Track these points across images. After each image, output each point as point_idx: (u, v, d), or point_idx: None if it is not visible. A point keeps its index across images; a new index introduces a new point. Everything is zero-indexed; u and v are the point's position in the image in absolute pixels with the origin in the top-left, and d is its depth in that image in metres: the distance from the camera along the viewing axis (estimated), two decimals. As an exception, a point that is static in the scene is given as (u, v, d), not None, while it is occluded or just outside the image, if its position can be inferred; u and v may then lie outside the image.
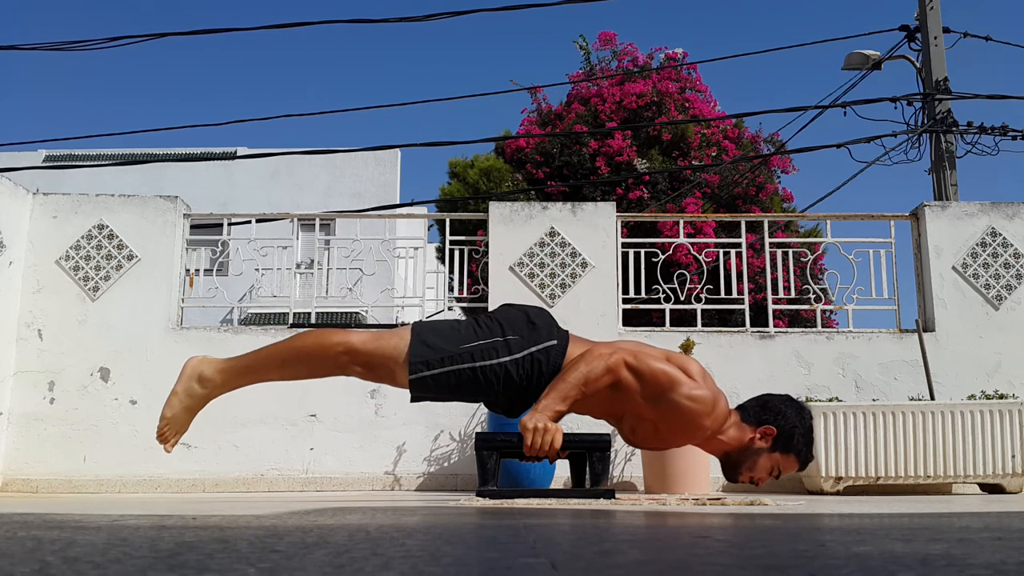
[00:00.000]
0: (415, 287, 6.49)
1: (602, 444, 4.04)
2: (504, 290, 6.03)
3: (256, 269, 6.64)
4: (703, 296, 6.27)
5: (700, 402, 2.56)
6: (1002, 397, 5.32)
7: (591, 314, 5.99)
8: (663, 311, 6.34)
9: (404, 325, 2.61)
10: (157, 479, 5.82)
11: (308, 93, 48.08)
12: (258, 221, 6.71)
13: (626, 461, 5.90)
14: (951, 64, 11.08)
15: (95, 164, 14.72)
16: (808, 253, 6.47)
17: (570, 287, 6.12)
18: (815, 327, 6.46)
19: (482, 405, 5.86)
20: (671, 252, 7.09)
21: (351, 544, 1.40)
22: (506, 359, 2.53)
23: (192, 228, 6.50)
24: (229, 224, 6.66)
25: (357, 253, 6.45)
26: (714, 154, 13.10)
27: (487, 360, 2.52)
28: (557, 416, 2.54)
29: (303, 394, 5.96)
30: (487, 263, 6.25)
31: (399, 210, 12.94)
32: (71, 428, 5.88)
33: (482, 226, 7.74)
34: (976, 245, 6.20)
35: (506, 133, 14.04)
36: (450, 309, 7.79)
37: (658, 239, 7.80)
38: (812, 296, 6.30)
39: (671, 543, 1.57)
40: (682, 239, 6.73)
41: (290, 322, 6.31)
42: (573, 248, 6.20)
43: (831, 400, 5.42)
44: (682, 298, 6.35)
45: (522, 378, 2.55)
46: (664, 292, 6.27)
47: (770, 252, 6.39)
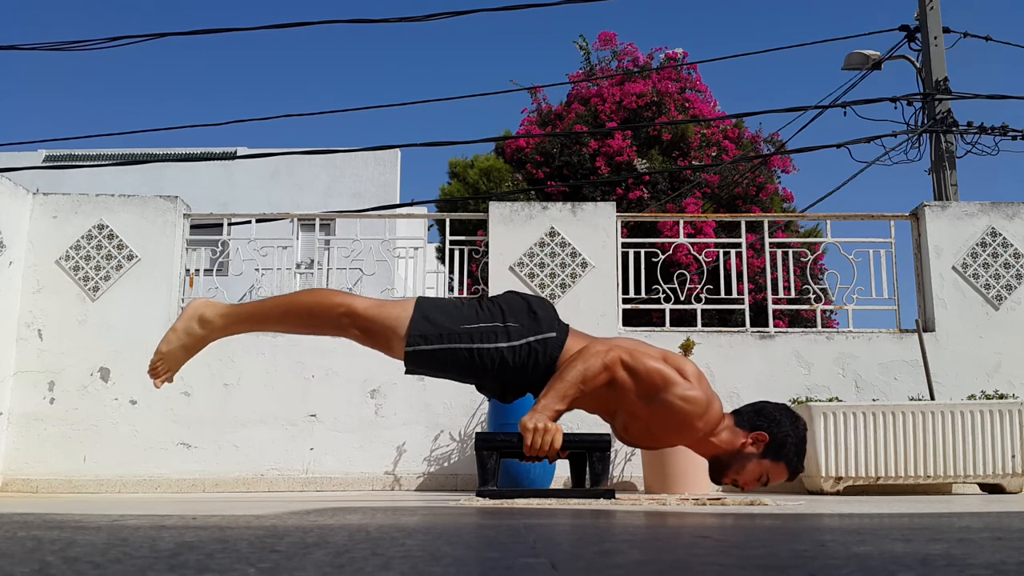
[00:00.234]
0: (415, 287, 6.49)
1: (602, 444, 4.04)
2: (504, 290, 6.02)
3: (256, 269, 6.64)
4: (703, 296, 6.27)
5: (693, 403, 2.56)
6: (1002, 397, 5.32)
7: (591, 314, 5.99)
8: (663, 311, 6.34)
9: (408, 298, 2.63)
10: (157, 479, 5.82)
11: (310, 91, 48.09)
12: (258, 221, 6.71)
13: (626, 461, 5.90)
14: (951, 64, 11.09)
15: (95, 164, 14.72)
16: (808, 253, 6.47)
17: (570, 287, 6.12)
18: (815, 327, 6.46)
19: (482, 405, 5.88)
20: (671, 252, 7.09)
21: (351, 544, 1.40)
22: (503, 345, 2.55)
23: (192, 228, 6.50)
24: (229, 224, 6.66)
25: (357, 253, 6.45)
26: (714, 154, 13.10)
27: (485, 343, 2.54)
28: (556, 415, 2.56)
29: (303, 394, 5.96)
30: (487, 263, 6.25)
31: (399, 210, 12.94)
32: (71, 428, 5.88)
33: (482, 226, 7.74)
34: (976, 245, 6.20)
35: (506, 133, 14.04)
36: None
37: (658, 239, 7.80)
38: (812, 296, 6.30)
39: (671, 543, 1.57)
40: (682, 239, 6.73)
41: (290, 322, 6.30)
42: (573, 248, 6.21)
43: (831, 400, 5.42)
44: (682, 298, 6.35)
45: (517, 365, 2.56)
46: (664, 292, 6.27)
47: (770, 252, 6.39)
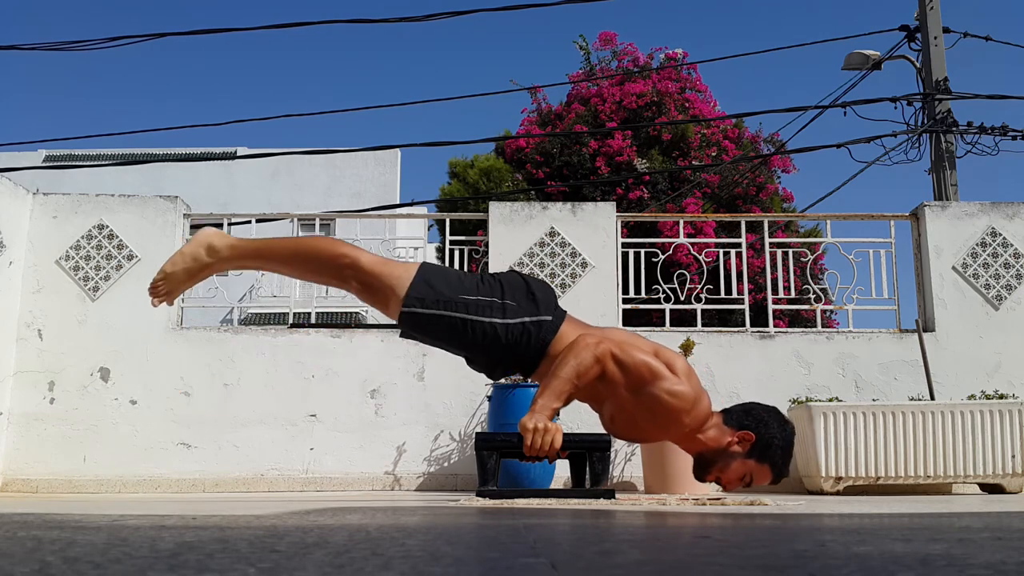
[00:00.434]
0: (415, 287, 6.49)
1: (602, 444, 4.04)
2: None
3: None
4: (703, 296, 6.27)
5: (680, 398, 2.57)
6: (1002, 397, 5.32)
7: (591, 314, 5.98)
8: (663, 311, 6.34)
9: (413, 261, 2.66)
10: (157, 479, 5.82)
11: (310, 91, 48.10)
12: (258, 221, 6.71)
13: (626, 461, 5.90)
14: (951, 64, 11.08)
15: (95, 164, 14.72)
16: (808, 253, 6.47)
17: (570, 287, 6.12)
18: (815, 327, 6.46)
19: (482, 405, 5.88)
20: (671, 252, 7.09)
21: (351, 544, 1.40)
22: (497, 321, 2.58)
23: (192, 228, 6.50)
24: (229, 224, 6.66)
25: (357, 253, 6.45)
26: (714, 154, 13.10)
27: (479, 316, 2.57)
28: (554, 414, 2.57)
29: (303, 394, 5.96)
30: (487, 263, 6.25)
31: (399, 210, 12.94)
32: (71, 428, 5.88)
33: (482, 226, 7.74)
34: (976, 245, 6.20)
35: (506, 133, 14.05)
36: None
37: (658, 239, 7.80)
38: (812, 296, 6.30)
39: (671, 543, 1.57)
40: (682, 239, 6.73)
41: (290, 322, 6.31)
42: (573, 248, 6.21)
43: (831, 400, 5.42)
44: (682, 298, 6.35)
45: (508, 343, 2.59)
46: (664, 292, 6.27)
47: (770, 252, 6.39)
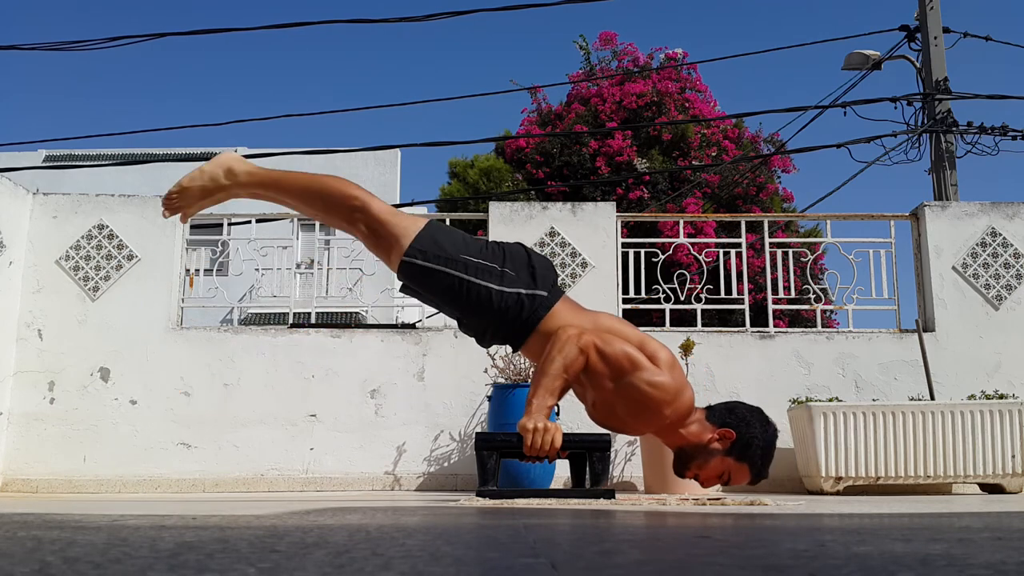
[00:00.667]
0: (415, 287, 6.49)
1: (602, 444, 4.04)
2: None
3: (256, 269, 6.64)
4: (703, 296, 6.27)
5: (660, 389, 2.57)
6: (1002, 397, 5.31)
7: (591, 314, 5.99)
8: (663, 311, 6.34)
9: (422, 216, 2.72)
10: (157, 479, 5.82)
11: (310, 91, 48.09)
12: (258, 221, 6.71)
13: (626, 461, 5.90)
14: (951, 64, 11.09)
15: (95, 164, 14.72)
16: (808, 253, 6.47)
17: (570, 287, 6.12)
18: (815, 327, 6.46)
19: (482, 405, 5.88)
20: (671, 252, 7.09)
21: (351, 544, 1.40)
22: (494, 286, 2.61)
23: (192, 228, 6.50)
24: (229, 224, 6.65)
25: (357, 253, 6.45)
26: (714, 154, 13.10)
27: (476, 279, 2.60)
28: (550, 411, 2.59)
29: (303, 394, 5.96)
30: (487, 263, 6.24)
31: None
32: (71, 428, 5.88)
33: (482, 226, 7.74)
34: (976, 245, 6.20)
35: (506, 133, 14.05)
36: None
37: (658, 239, 7.80)
38: (812, 296, 6.30)
39: (671, 543, 1.57)
40: (682, 239, 6.73)
41: (290, 322, 6.31)
42: (573, 248, 6.21)
43: (831, 400, 5.42)
44: (682, 298, 6.35)
45: (500, 309, 2.61)
46: (664, 292, 6.27)
47: (770, 252, 6.39)
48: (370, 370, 5.99)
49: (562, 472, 5.40)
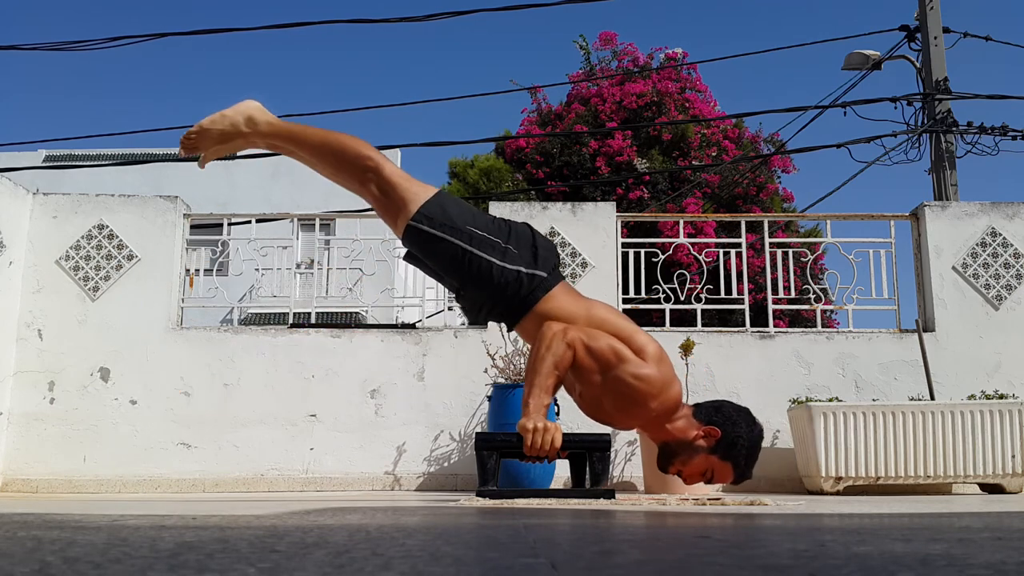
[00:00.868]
0: (415, 287, 6.50)
1: (602, 444, 4.04)
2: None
3: (256, 269, 6.64)
4: (703, 296, 6.27)
5: (646, 382, 2.57)
6: (1002, 397, 5.31)
7: (591, 314, 5.99)
8: (663, 311, 6.34)
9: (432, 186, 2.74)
10: (157, 479, 5.82)
11: (310, 91, 48.08)
12: (258, 221, 6.71)
13: (626, 461, 5.90)
14: (951, 64, 11.09)
15: (95, 164, 14.73)
16: (808, 253, 6.47)
17: (570, 287, 6.11)
18: (815, 327, 6.46)
19: (482, 405, 5.88)
20: (671, 252, 7.10)
21: (351, 544, 1.40)
22: (495, 260, 2.61)
23: (192, 228, 6.50)
24: (229, 224, 6.66)
25: (357, 253, 6.45)
26: (714, 154, 13.11)
27: (479, 251, 2.61)
28: (547, 410, 2.60)
29: (303, 394, 5.96)
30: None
31: (399, 210, 12.90)
32: (71, 428, 5.88)
33: (482, 226, 7.73)
34: (976, 245, 6.20)
35: (506, 133, 14.05)
36: (450, 309, 7.79)
37: (658, 239, 7.80)
38: (812, 296, 6.30)
39: (671, 543, 1.57)
40: (682, 239, 6.73)
41: (290, 322, 6.31)
42: (573, 248, 6.21)
43: (831, 400, 5.42)
44: (682, 298, 6.35)
45: (498, 285, 2.62)
46: (664, 292, 6.27)
47: (770, 252, 6.39)
48: (370, 370, 5.99)
49: (562, 472, 5.40)
